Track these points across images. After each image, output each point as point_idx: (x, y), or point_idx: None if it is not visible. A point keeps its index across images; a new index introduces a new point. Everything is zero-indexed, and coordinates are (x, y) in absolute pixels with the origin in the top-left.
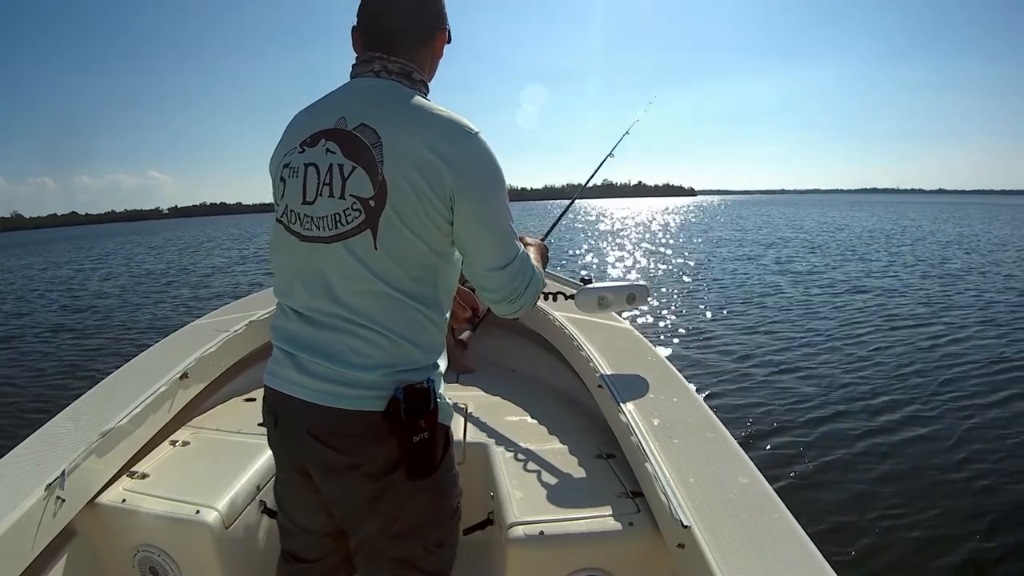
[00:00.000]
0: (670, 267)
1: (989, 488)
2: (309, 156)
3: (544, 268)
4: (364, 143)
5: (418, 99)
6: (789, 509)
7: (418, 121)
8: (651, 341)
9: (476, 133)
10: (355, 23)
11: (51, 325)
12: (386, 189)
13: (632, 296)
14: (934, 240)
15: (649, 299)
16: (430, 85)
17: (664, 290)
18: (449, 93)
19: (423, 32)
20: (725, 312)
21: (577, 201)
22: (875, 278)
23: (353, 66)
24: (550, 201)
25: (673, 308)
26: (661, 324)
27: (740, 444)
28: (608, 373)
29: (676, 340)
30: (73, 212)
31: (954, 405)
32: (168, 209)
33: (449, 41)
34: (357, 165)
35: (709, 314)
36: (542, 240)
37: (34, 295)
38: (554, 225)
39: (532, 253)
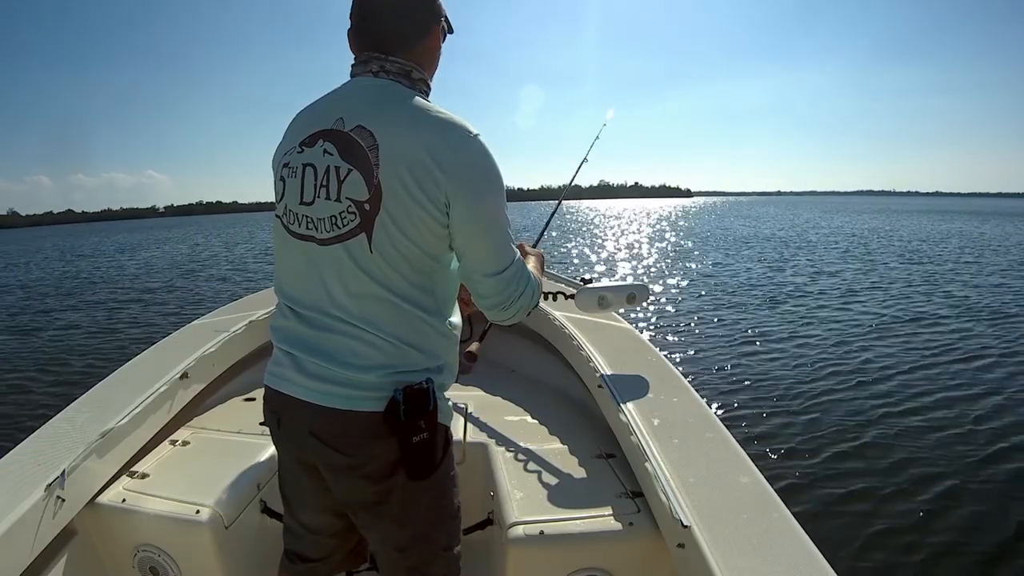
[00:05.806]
0: (669, 268)
1: (991, 487)
2: (307, 156)
3: (541, 275)
4: (360, 145)
5: (417, 100)
6: (789, 509)
7: (415, 123)
8: (651, 341)
9: (475, 135)
10: (349, 26)
11: (50, 324)
12: (381, 192)
13: (632, 296)
14: (950, 246)
15: (649, 299)
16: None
17: (664, 290)
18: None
19: (417, 29)
20: (725, 312)
21: (574, 202)
22: (877, 279)
23: (352, 66)
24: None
25: (673, 308)
26: (661, 324)
27: (740, 444)
28: (608, 373)
29: (676, 340)
30: (69, 210)
31: (960, 406)
32: (164, 208)
33: (451, 31)
34: (353, 168)
35: (709, 314)
36: (533, 246)
37: (29, 294)
38: (543, 232)
39: (532, 263)
